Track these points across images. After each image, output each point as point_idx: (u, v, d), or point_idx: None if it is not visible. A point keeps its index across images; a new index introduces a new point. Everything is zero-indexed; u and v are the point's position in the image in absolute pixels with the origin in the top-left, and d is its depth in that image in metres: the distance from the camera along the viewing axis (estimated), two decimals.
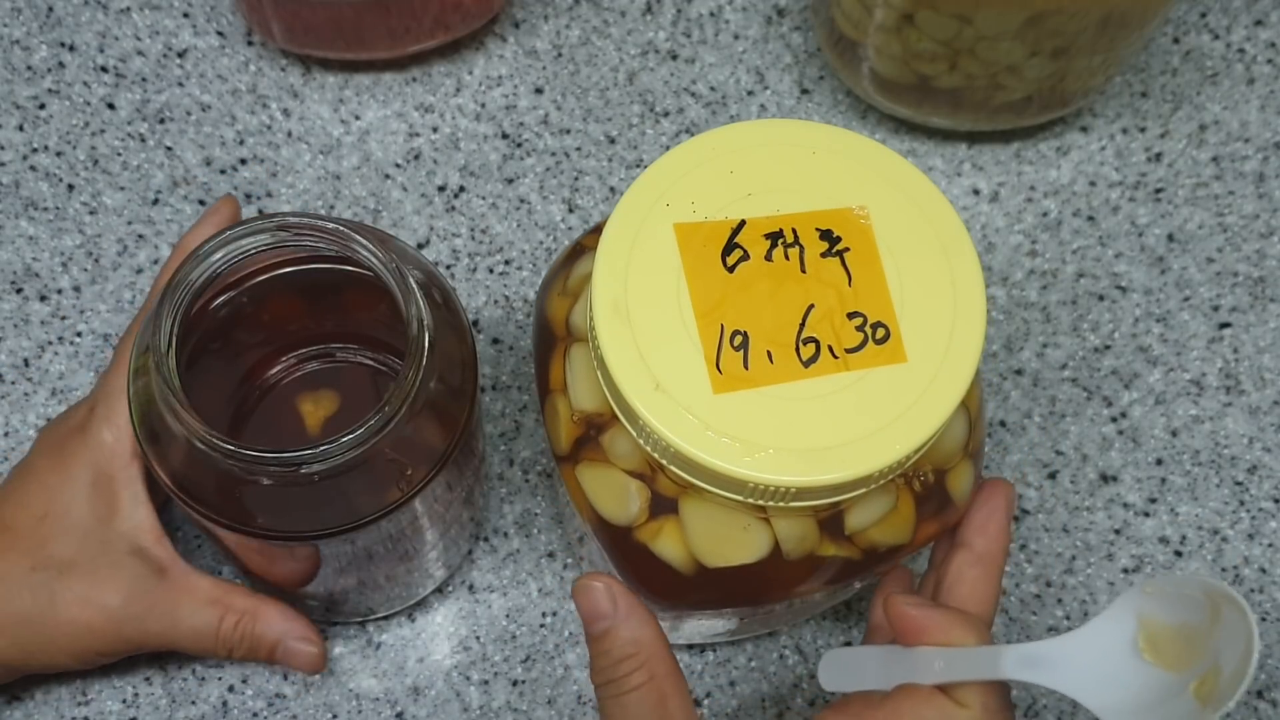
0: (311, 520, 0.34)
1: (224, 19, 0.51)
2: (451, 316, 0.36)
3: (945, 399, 0.30)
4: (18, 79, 0.50)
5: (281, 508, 0.34)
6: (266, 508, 0.34)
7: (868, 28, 0.46)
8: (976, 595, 0.34)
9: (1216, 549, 0.45)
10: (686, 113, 0.51)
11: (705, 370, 0.30)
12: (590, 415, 0.33)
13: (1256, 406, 0.47)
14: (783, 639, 0.44)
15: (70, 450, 0.37)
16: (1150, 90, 0.52)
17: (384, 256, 0.33)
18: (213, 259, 0.33)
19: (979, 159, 0.51)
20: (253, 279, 0.36)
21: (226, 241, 0.33)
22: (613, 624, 0.30)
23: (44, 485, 0.37)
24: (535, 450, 0.46)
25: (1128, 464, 0.46)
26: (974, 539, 0.34)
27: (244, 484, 0.33)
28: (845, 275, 0.31)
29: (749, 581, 0.33)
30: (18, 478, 0.39)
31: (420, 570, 0.41)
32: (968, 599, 0.34)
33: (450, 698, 0.43)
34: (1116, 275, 0.49)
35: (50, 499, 0.37)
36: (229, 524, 0.33)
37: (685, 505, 0.32)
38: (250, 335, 0.38)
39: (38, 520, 0.37)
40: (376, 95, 0.50)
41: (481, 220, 0.49)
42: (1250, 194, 0.51)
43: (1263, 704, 0.44)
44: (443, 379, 0.34)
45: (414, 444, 0.34)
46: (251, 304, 0.37)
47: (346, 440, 0.31)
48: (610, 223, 0.32)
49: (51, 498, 0.37)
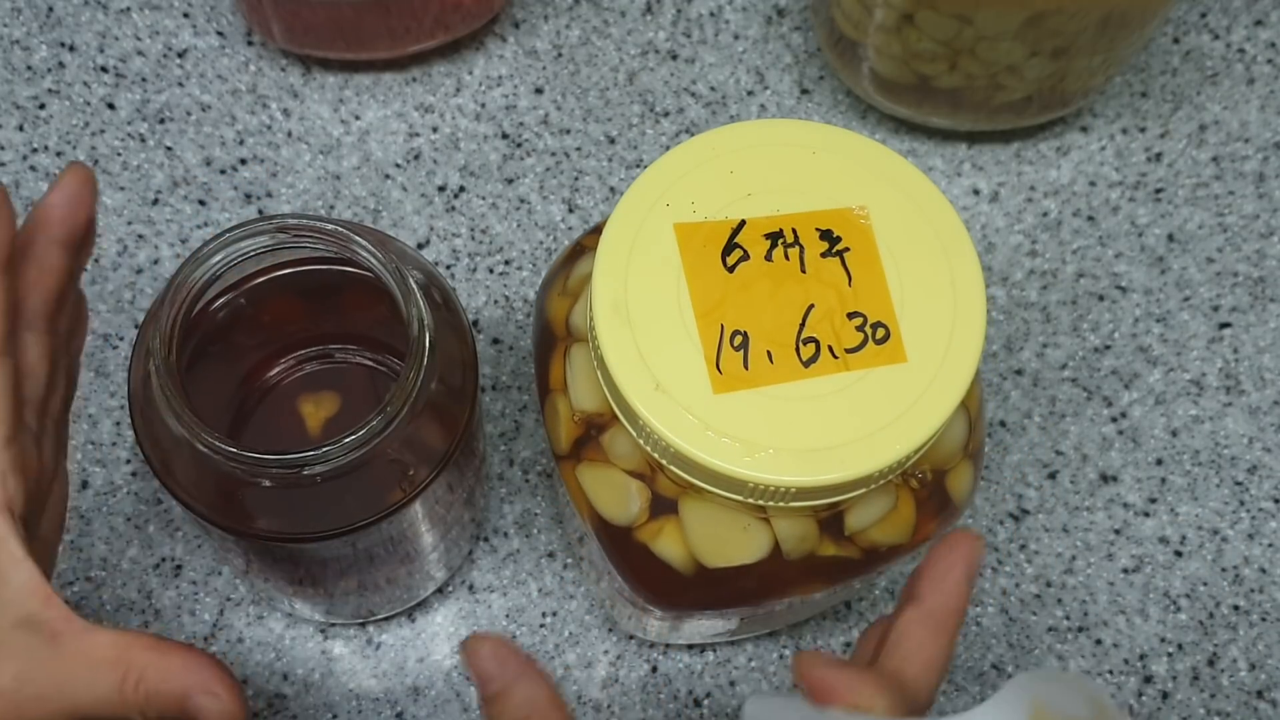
0: (313, 522, 0.33)
1: (224, 19, 0.51)
2: (452, 317, 0.36)
3: (945, 399, 0.30)
4: (18, 79, 0.50)
5: (283, 510, 0.34)
6: (268, 510, 0.33)
7: (868, 28, 0.46)
8: (920, 657, 0.30)
9: (1216, 549, 0.45)
10: (686, 113, 0.51)
11: (705, 370, 0.30)
12: (590, 415, 0.33)
13: (1256, 406, 0.47)
14: (783, 639, 0.44)
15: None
16: (1150, 90, 0.52)
17: (383, 257, 0.33)
18: (212, 261, 0.33)
19: (979, 159, 0.51)
20: (252, 280, 0.36)
21: (226, 243, 0.33)
22: (504, 686, 0.30)
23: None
24: (535, 450, 0.46)
25: (1128, 464, 0.46)
26: (926, 593, 0.31)
27: (245, 486, 0.33)
28: (845, 275, 0.31)
29: (749, 581, 0.33)
30: None
31: (421, 572, 0.41)
32: (909, 659, 0.30)
33: (450, 698, 0.43)
34: (1116, 275, 0.49)
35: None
36: (231, 527, 0.33)
37: (685, 505, 0.32)
38: (250, 337, 0.38)
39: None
40: (376, 95, 0.50)
41: (481, 220, 0.49)
42: (1250, 194, 0.51)
43: (1263, 704, 0.44)
44: (443, 379, 0.34)
45: (415, 445, 0.34)
46: (251, 305, 0.37)
47: (348, 441, 0.31)
48: (610, 223, 0.32)
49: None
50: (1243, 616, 0.45)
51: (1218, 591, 0.45)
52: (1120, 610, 0.44)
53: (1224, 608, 0.45)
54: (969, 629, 0.44)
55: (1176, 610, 0.45)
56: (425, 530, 0.38)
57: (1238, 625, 0.44)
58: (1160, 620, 0.44)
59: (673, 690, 0.43)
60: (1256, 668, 0.44)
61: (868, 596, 0.45)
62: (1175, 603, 0.45)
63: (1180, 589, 0.45)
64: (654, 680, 0.43)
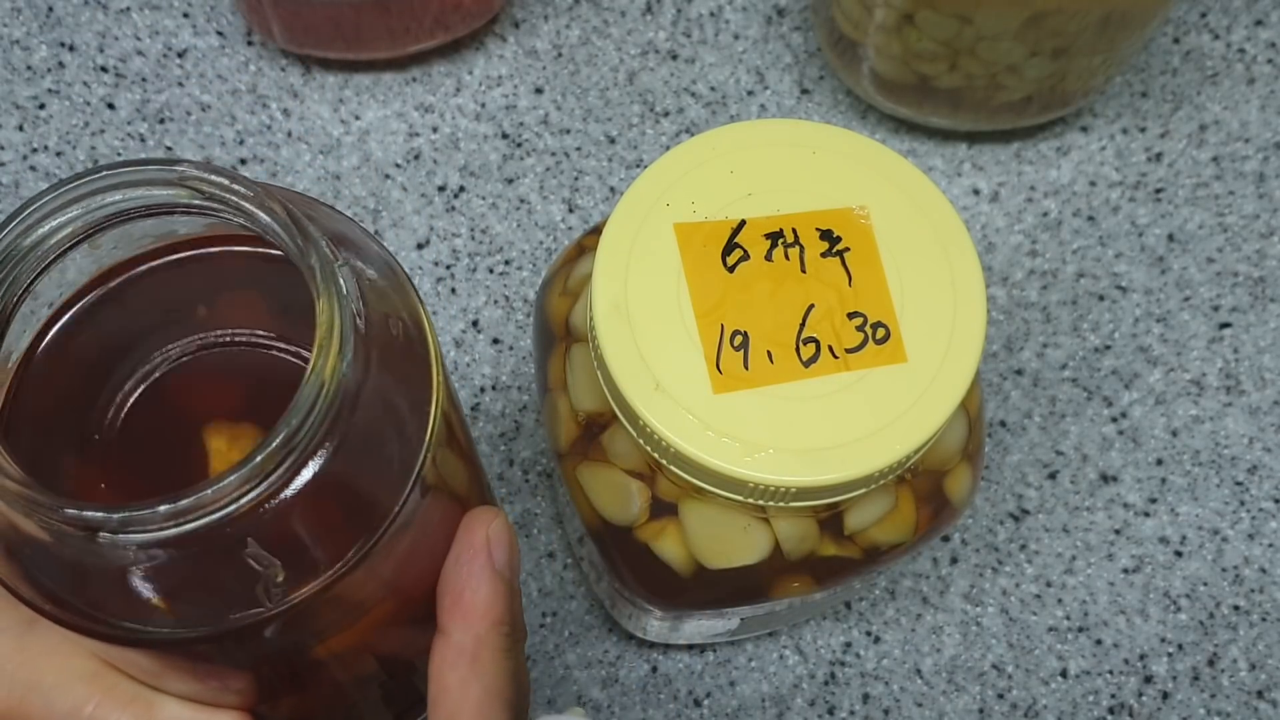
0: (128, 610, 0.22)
1: (224, 19, 0.51)
2: (409, 345, 0.24)
3: (945, 399, 0.30)
4: (18, 79, 0.50)
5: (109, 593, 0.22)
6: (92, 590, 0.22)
7: (868, 28, 0.46)
8: (468, 705, 0.24)
9: (1216, 549, 0.45)
10: (686, 113, 0.51)
11: (705, 370, 0.30)
12: (590, 415, 0.33)
13: (1256, 406, 0.47)
14: (783, 639, 0.44)
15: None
16: (1150, 90, 0.52)
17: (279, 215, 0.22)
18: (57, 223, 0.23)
19: (979, 159, 0.51)
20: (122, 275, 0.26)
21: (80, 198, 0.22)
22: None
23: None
24: (535, 450, 0.46)
25: (1128, 464, 0.46)
26: (445, 621, 0.24)
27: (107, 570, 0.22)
28: (845, 275, 0.31)
29: (749, 581, 0.33)
30: None
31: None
32: (458, 712, 0.24)
33: None
34: (1116, 275, 0.49)
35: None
36: (79, 623, 0.23)
37: (685, 506, 0.32)
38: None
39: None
40: (376, 95, 0.50)
41: (481, 220, 0.49)
42: (1250, 194, 0.51)
43: (1263, 704, 0.44)
44: (369, 436, 0.23)
45: (290, 536, 0.22)
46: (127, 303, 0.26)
47: (163, 511, 0.20)
48: (610, 223, 0.32)
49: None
50: (1243, 616, 0.45)
51: (1218, 591, 0.45)
52: (1120, 610, 0.44)
53: (1224, 608, 0.45)
54: (969, 629, 0.44)
55: (1177, 610, 0.45)
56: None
57: (1238, 625, 0.44)
58: (1160, 620, 0.44)
59: (673, 690, 0.43)
60: (1257, 668, 0.44)
61: (868, 596, 0.45)
62: (1175, 603, 0.45)
63: (1180, 589, 0.45)
64: (654, 680, 0.43)
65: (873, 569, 0.34)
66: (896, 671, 0.44)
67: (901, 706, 0.43)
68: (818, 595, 0.35)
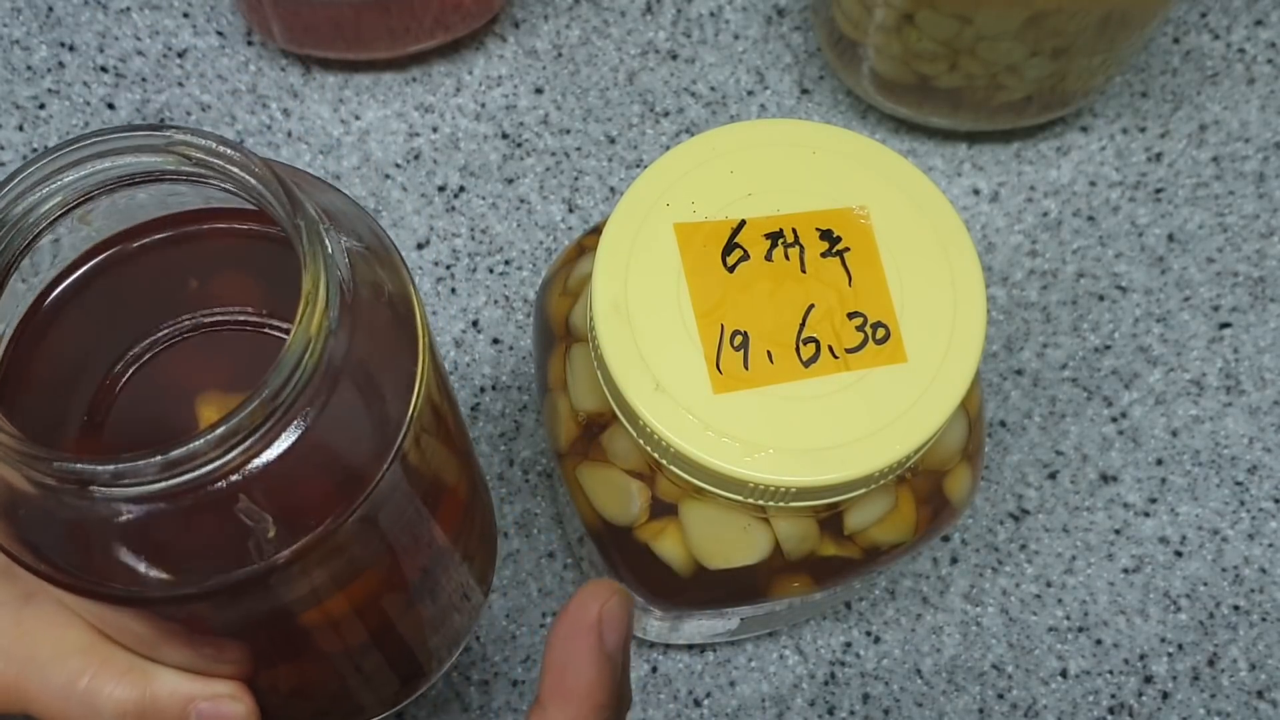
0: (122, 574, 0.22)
1: (224, 19, 0.51)
2: (395, 312, 0.24)
3: (945, 399, 0.30)
4: (18, 79, 0.50)
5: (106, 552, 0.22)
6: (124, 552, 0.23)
7: (868, 28, 0.46)
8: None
9: (1216, 549, 0.45)
10: (686, 113, 0.51)
11: (705, 370, 0.30)
12: (590, 415, 0.33)
13: (1256, 406, 0.47)
14: (783, 639, 0.44)
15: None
16: (1150, 90, 0.52)
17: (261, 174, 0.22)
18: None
19: (979, 159, 0.51)
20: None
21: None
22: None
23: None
24: (535, 450, 0.46)
25: (1128, 464, 0.46)
26: (548, 700, 0.24)
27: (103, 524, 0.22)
28: (845, 275, 0.31)
29: (749, 581, 0.33)
30: None
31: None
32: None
33: (450, 698, 0.43)
34: (1116, 275, 0.49)
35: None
36: (71, 582, 0.23)
37: (685, 506, 0.32)
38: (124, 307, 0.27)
39: None
40: (376, 95, 0.50)
41: (481, 220, 0.49)
42: (1250, 194, 0.51)
43: (1263, 704, 0.44)
44: (360, 395, 0.23)
45: (283, 491, 0.22)
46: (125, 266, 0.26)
47: (157, 461, 0.20)
48: (610, 223, 0.32)
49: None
50: (1243, 616, 0.45)
51: (1218, 591, 0.45)
52: (1120, 610, 0.44)
53: (1224, 608, 0.45)
54: (969, 629, 0.44)
55: (1176, 610, 0.45)
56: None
57: (1238, 625, 0.44)
58: (1160, 620, 0.44)
59: (673, 690, 0.43)
60: (1256, 668, 0.44)
61: (868, 596, 0.45)
62: (1175, 603, 0.45)
63: (1180, 589, 0.45)
64: (654, 680, 0.43)
65: (873, 569, 0.34)
66: (896, 671, 0.44)
67: (901, 706, 0.43)
68: (818, 595, 0.35)
